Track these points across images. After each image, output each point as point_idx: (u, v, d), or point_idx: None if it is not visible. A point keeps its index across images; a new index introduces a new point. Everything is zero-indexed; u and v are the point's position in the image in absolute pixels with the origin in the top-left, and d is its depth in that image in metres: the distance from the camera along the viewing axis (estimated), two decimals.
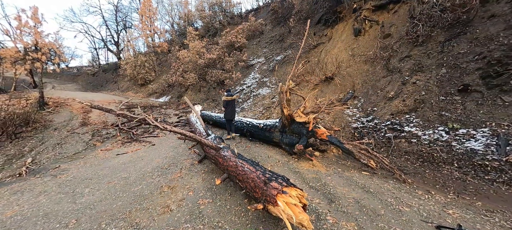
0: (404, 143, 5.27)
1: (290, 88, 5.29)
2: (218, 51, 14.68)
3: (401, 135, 5.46)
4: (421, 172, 4.50)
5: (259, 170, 2.97)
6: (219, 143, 4.46)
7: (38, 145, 7.63)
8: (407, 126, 5.57)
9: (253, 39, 17.26)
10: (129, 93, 22.02)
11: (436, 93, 5.61)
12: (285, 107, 4.97)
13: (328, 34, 11.67)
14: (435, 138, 5.01)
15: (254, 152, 5.54)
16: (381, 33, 8.54)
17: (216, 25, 21.02)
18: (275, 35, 15.80)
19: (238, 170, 3.26)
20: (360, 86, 7.84)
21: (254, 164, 3.19)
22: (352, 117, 6.88)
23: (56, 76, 36.49)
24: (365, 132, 6.11)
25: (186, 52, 15.99)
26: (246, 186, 3.00)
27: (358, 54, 9.03)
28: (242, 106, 11.22)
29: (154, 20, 23.61)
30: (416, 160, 4.84)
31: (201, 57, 14.76)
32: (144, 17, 22.62)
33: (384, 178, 4.24)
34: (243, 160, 3.41)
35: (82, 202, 4.04)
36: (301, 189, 2.64)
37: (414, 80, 6.22)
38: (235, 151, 3.74)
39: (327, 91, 8.81)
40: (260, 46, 16.09)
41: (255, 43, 16.66)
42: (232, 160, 3.55)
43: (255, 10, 21.94)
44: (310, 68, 10.68)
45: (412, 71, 6.51)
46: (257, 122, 6.63)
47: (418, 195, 3.65)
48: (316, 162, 4.61)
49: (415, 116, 5.62)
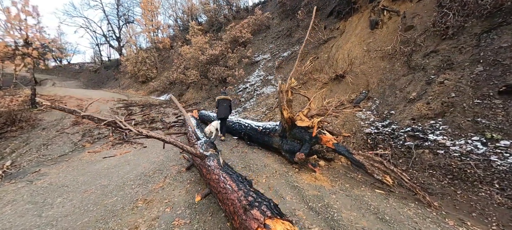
0: (428, 155, 4.40)
1: (292, 87, 4.54)
2: (221, 46, 14.04)
3: (424, 145, 4.59)
4: (451, 193, 3.65)
5: (242, 189, 2.29)
6: (206, 150, 3.82)
7: (22, 146, 7.32)
8: (432, 134, 4.67)
9: (259, 34, 16.47)
10: (130, 91, 21.94)
11: (470, 95, 4.66)
12: (285, 109, 4.24)
13: (341, 28, 10.71)
14: (468, 150, 4.11)
15: (250, 159, 4.86)
16: (402, 25, 7.55)
17: (221, 19, 20.36)
18: (282, 30, 14.94)
19: (219, 187, 2.60)
20: (376, 86, 6.93)
21: (238, 181, 2.52)
22: (365, 121, 6.02)
23: (58, 72, 37.30)
24: (380, 139, 5.26)
25: (188, 48, 15.48)
26: (225, 209, 2.34)
27: (374, 50, 8.07)
28: (244, 106, 10.55)
29: (156, 14, 23.28)
30: (443, 176, 3.97)
31: (203, 53, 14.19)
32: (145, 11, 22.33)
33: (403, 199, 3.43)
34: (228, 174, 2.74)
35: (48, 215, 3.54)
36: (291, 221, 1.94)
37: (442, 79, 5.28)
38: (220, 161, 3.07)
39: (337, 91, 7.95)
40: (266, 41, 15.29)
41: (261, 38, 15.87)
42: (216, 172, 2.90)
43: (262, 3, 21.07)
44: (319, 65, 9.80)
45: (439, 69, 5.55)
46: (256, 125, 5.94)
47: (450, 227, 2.83)
48: (319, 175, 3.86)
49: (443, 122, 4.71)
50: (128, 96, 20.85)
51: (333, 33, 10.95)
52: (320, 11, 13.40)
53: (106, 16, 32.07)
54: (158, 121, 11.13)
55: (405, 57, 6.64)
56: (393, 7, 8.36)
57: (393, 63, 7.00)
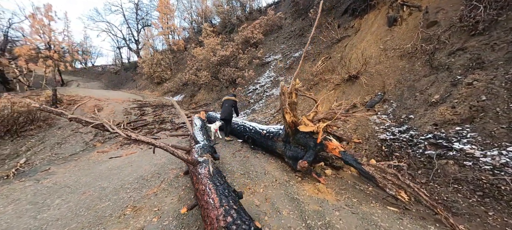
0: (453, 166, 3.84)
1: (296, 88, 4.20)
2: (232, 47, 13.91)
3: (448, 154, 4.02)
4: (481, 214, 3.10)
5: (224, 206, 2.02)
6: (201, 155, 3.59)
7: (37, 144, 7.61)
8: (457, 142, 4.09)
9: (271, 34, 16.15)
10: (146, 92, 22.56)
11: (505, 98, 4.02)
12: (287, 112, 3.90)
13: (356, 26, 10.11)
14: (502, 162, 3.52)
15: (251, 164, 4.57)
16: (424, 21, 6.88)
17: (233, 20, 20.31)
18: (295, 30, 14.51)
19: (203, 200, 2.35)
20: (393, 87, 6.35)
21: (223, 195, 2.24)
22: (379, 125, 5.50)
23: (83, 74, 39.55)
24: (397, 147, 4.73)
25: (200, 49, 15.56)
26: (205, 228, 2.08)
27: (392, 48, 7.45)
28: (253, 108, 10.29)
29: (171, 18, 23.79)
30: (471, 193, 3.41)
31: (215, 54, 14.16)
32: (161, 15, 22.89)
33: (421, 219, 2.95)
34: (214, 185, 2.48)
35: (42, 218, 3.50)
36: None
37: (470, 80, 4.64)
38: (211, 170, 2.82)
39: (350, 92, 7.43)
40: (277, 41, 14.93)
41: (273, 39, 15.54)
42: (203, 182, 2.65)
43: (276, 3, 20.73)
44: (331, 65, 9.29)
45: (466, 68, 4.91)
46: (260, 128, 5.64)
47: None
48: (322, 187, 3.47)
49: (471, 129, 4.11)
50: (144, 97, 21.49)
51: (347, 31, 10.38)
52: (334, 10, 12.83)
53: (126, 20, 33.54)
54: (168, 122, 11.22)
55: (426, 56, 6.01)
56: (414, 2, 7.68)
57: (413, 63, 6.38)
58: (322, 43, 11.23)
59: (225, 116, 6.40)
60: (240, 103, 11.31)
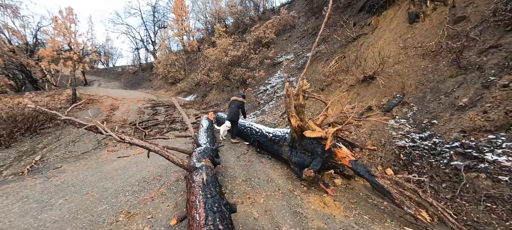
0: (485, 181, 3.33)
1: (303, 90, 3.89)
2: (243, 48, 13.75)
3: (479, 167, 3.51)
4: None
5: (208, 225, 1.78)
6: (200, 159, 3.40)
7: (53, 142, 7.88)
8: (490, 153, 3.57)
9: (283, 34, 15.79)
10: (160, 92, 23.06)
11: None
12: (293, 116, 3.60)
13: (373, 23, 9.51)
14: None
15: (254, 170, 4.32)
16: (451, 16, 6.25)
17: (246, 21, 20.16)
18: (308, 29, 14.04)
19: (190, 213, 2.14)
20: (413, 89, 5.80)
21: (211, 210, 2.01)
22: (398, 131, 5.01)
23: (104, 74, 41.43)
24: (417, 156, 4.25)
25: (212, 50, 15.58)
26: None
27: (413, 46, 6.87)
28: (262, 109, 10.03)
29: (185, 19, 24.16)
30: (508, 214, 2.91)
31: (227, 54, 14.08)
32: (176, 16, 23.31)
33: None
34: (205, 197, 2.26)
35: (43, 218, 3.49)
36: None
37: (506, 81, 4.06)
38: (204, 178, 2.61)
39: (365, 94, 6.93)
40: (290, 41, 14.55)
41: (285, 38, 15.17)
42: (195, 192, 2.44)
43: (289, 2, 20.31)
44: (345, 65, 8.79)
45: (501, 68, 4.31)
46: (266, 131, 5.37)
47: None
48: (330, 200, 3.13)
49: (507, 138, 3.56)
50: (158, 97, 22.00)
51: (363, 30, 9.80)
52: (349, 7, 12.23)
53: (144, 23, 34.71)
54: (178, 122, 11.28)
55: (453, 55, 5.41)
56: None
57: (437, 62, 5.79)
58: (336, 42, 10.72)
59: (231, 117, 6.22)
60: (250, 104, 11.11)
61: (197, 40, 26.36)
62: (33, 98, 9.22)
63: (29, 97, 9.19)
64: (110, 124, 10.61)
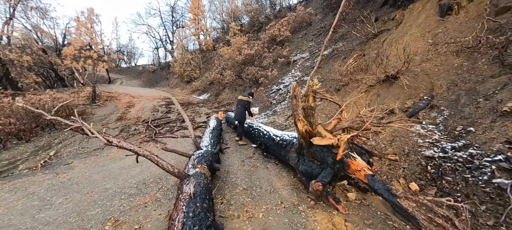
0: None
1: (313, 90, 3.45)
2: (257, 46, 13.39)
3: None
4: None
5: None
6: (195, 165, 3.11)
7: (68, 138, 8.11)
8: None
9: (299, 31, 15.17)
10: (176, 90, 23.45)
11: None
12: (300, 120, 3.18)
13: (397, 17, 8.68)
14: None
15: (258, 177, 3.95)
16: (491, 7, 5.40)
17: (262, 19, 19.76)
18: (325, 26, 13.33)
19: (173, 226, 1.83)
20: (444, 90, 5.07)
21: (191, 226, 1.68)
22: (424, 138, 4.37)
23: (127, 73, 43.27)
24: (449, 169, 3.62)
25: (226, 49, 15.42)
26: None
27: (444, 42, 6.06)
28: (274, 109, 9.61)
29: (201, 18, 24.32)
30: None
31: (240, 53, 13.83)
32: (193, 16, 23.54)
33: None
34: (188, 213, 1.94)
35: (39, 218, 3.43)
36: None
37: None
38: (192, 190, 2.30)
39: (387, 95, 6.26)
40: (306, 39, 13.92)
41: (301, 36, 14.56)
42: (179, 206, 2.15)
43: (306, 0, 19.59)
44: (364, 63, 8.10)
45: None
46: (274, 134, 4.98)
47: None
48: (339, 220, 2.67)
49: None
50: (173, 95, 22.43)
51: (386, 25, 8.99)
52: (371, 1, 11.37)
53: (163, 23, 35.70)
54: (190, 121, 11.22)
55: (495, 51, 4.62)
56: None
57: (475, 60, 5.00)
58: (355, 39, 9.98)
59: (237, 118, 5.92)
60: (262, 104, 10.74)
61: (212, 39, 26.48)
62: (53, 94, 9.66)
63: (49, 94, 9.63)
64: (124, 121, 10.83)
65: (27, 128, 7.90)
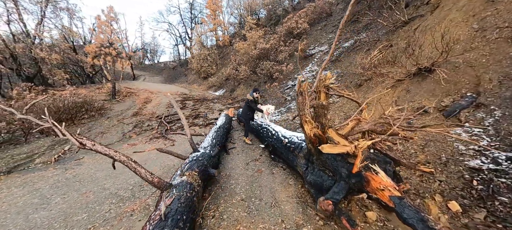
0: None
1: (325, 85, 2.86)
2: (273, 40, 12.74)
3: None
4: None
5: None
6: (184, 173, 2.71)
7: (84, 133, 8.28)
8: None
9: (318, 23, 14.18)
10: (194, 86, 23.61)
11: None
12: (307, 121, 2.62)
13: (433, 1, 7.51)
14: None
15: (260, 185, 3.47)
16: None
17: (279, 12, 18.95)
18: None
19: None
20: (495, 85, 4.12)
21: None
22: (468, 145, 3.54)
23: (150, 69, 44.96)
24: (504, 187, 2.82)
25: (242, 44, 14.97)
26: None
27: (495, 27, 4.99)
28: (288, 106, 9.00)
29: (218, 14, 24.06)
30: None
31: (256, 47, 13.30)
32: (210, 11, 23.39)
33: None
34: None
35: (33, 218, 3.32)
36: None
37: None
38: (163, 209, 1.88)
39: (418, 91, 5.36)
40: (325, 31, 12.94)
41: (320, 28, 13.58)
42: (152, 222, 1.74)
43: None
44: (392, 55, 7.13)
45: None
46: (282, 135, 4.44)
47: None
48: None
49: None
50: (190, 91, 22.65)
51: (418, 11, 7.87)
52: None
53: (182, 19, 36.29)
54: (202, 117, 11.04)
55: None
56: None
57: None
58: (381, 28, 8.93)
59: (243, 118, 5.51)
60: (276, 100, 10.17)
61: (229, 35, 26.24)
62: (73, 91, 10.04)
63: (70, 90, 10.01)
64: (139, 117, 10.97)
65: None
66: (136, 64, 46.47)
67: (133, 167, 2.33)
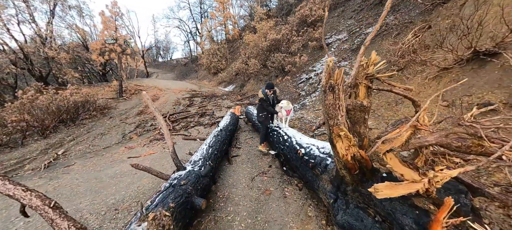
0: None
1: (368, 73, 1.81)
2: (285, 30, 11.58)
3: None
4: None
5: None
6: (142, 217, 1.82)
7: (83, 134, 7.75)
8: None
9: (335, 9, 12.78)
10: (204, 82, 22.99)
11: None
12: (341, 136, 1.59)
13: None
14: None
15: (267, 219, 2.51)
16: None
17: (291, 0, 17.59)
18: None
19: None
20: None
21: None
22: None
23: (163, 67, 45.16)
24: None
25: (251, 36, 13.94)
26: None
27: None
28: (302, 102, 7.91)
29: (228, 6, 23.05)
30: None
31: (266, 39, 12.22)
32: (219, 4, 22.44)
33: None
34: None
35: None
36: None
37: None
38: None
39: (475, 82, 4.13)
40: (343, 17, 11.55)
41: (337, 14, 12.19)
42: None
43: None
44: (431, 38, 5.82)
45: None
46: (297, 142, 3.42)
47: None
48: None
49: None
50: (200, 87, 22.04)
51: None
52: None
53: (191, 15, 35.72)
54: (208, 115, 10.25)
55: None
56: None
57: None
58: (413, 9, 7.54)
59: (257, 120, 4.57)
60: (288, 95, 9.11)
61: (239, 28, 25.22)
62: (74, 90, 9.60)
63: (71, 89, 9.56)
64: (143, 116, 10.38)
65: (49, 123, 7.75)
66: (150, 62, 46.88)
67: (50, 219, 1.46)
